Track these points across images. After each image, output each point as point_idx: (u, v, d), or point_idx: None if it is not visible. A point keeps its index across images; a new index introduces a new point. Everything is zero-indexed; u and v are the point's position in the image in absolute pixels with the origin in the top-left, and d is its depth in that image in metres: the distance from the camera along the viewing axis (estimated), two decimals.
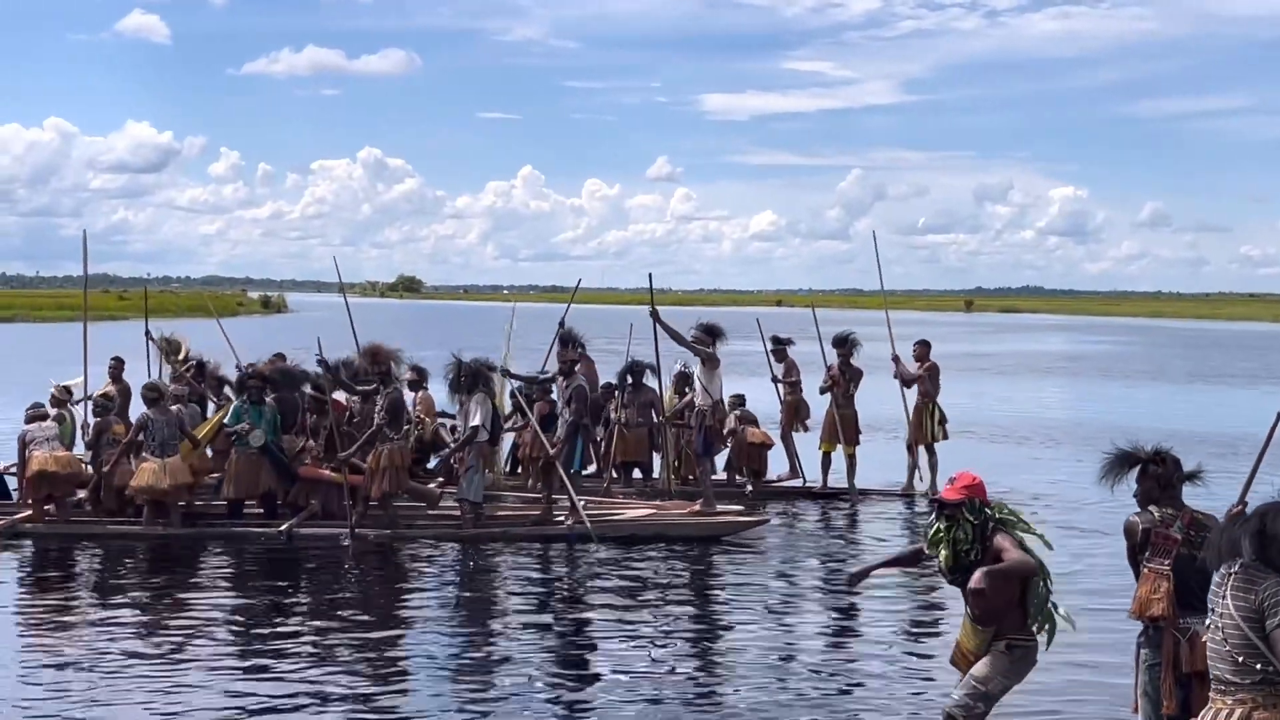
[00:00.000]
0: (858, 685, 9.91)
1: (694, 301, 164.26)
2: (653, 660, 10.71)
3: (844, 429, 18.16)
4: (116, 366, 17.43)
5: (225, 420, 15.47)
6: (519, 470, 17.95)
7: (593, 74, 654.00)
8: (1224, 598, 5.53)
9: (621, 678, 10.06)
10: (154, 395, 15.07)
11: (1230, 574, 5.55)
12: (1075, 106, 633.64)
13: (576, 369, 15.94)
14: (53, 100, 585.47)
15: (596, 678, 10.15)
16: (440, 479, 16.87)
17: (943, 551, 7.16)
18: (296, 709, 9.15)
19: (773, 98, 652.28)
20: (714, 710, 9.29)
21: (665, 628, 11.76)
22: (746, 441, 18.10)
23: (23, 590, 13.26)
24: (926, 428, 18.10)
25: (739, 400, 18.46)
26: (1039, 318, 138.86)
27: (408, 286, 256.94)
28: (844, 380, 18.36)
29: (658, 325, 16.52)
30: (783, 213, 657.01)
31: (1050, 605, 7.17)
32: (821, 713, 9.22)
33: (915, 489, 18.30)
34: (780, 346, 19.29)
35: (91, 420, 15.91)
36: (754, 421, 18.40)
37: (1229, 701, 5.53)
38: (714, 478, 17.93)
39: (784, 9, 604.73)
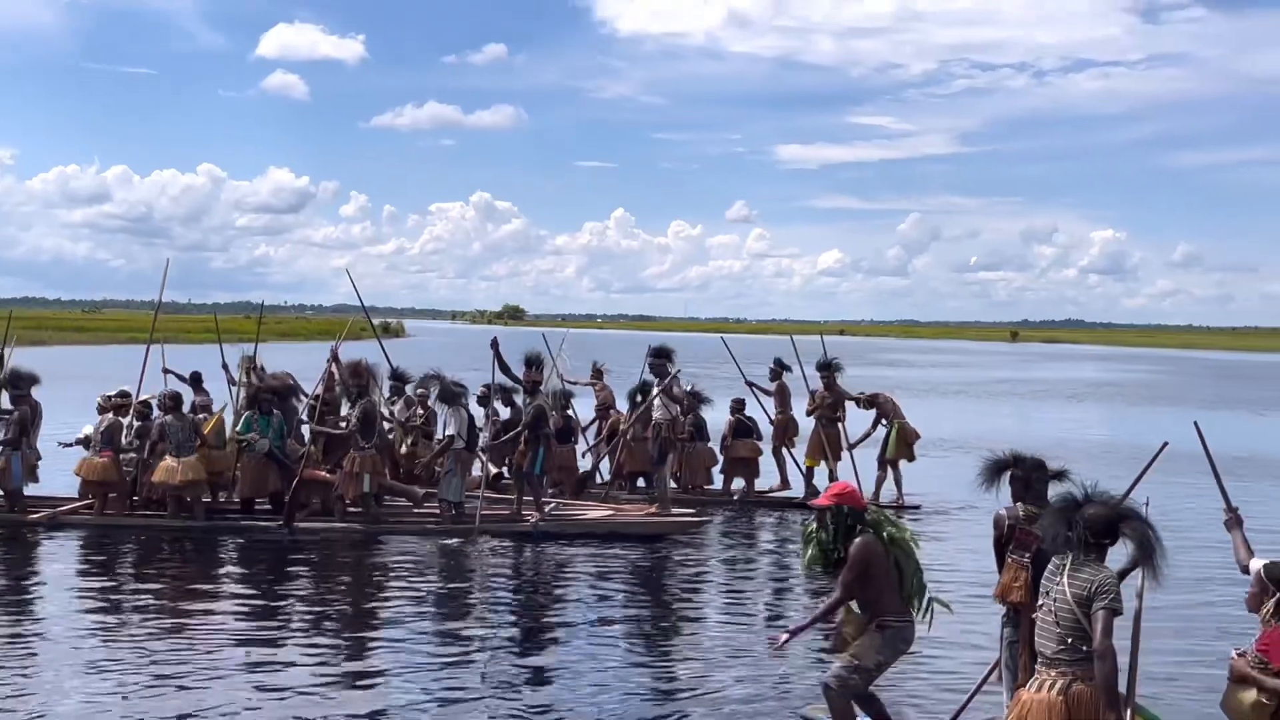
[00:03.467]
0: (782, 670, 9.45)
1: (766, 330, 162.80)
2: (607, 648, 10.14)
3: (829, 446, 17.49)
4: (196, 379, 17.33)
5: (238, 429, 15.37)
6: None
7: (679, 127, 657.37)
8: (1060, 584, 5.73)
9: (577, 658, 9.76)
10: (172, 404, 15.08)
11: (1064, 564, 5.76)
12: (1115, 157, 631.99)
13: (540, 389, 15.56)
14: (205, 148, 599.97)
15: (554, 665, 9.64)
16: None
17: (810, 549, 7.25)
18: (288, 686, 8.91)
19: (839, 149, 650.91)
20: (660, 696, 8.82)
21: (622, 616, 11.32)
22: (739, 455, 17.69)
23: (65, 573, 12.97)
24: (892, 445, 17.55)
25: (739, 405, 18.04)
26: (1079, 348, 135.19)
27: (512, 315, 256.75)
28: (826, 401, 17.77)
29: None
30: (847, 251, 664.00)
31: (928, 594, 7.30)
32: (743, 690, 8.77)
33: (903, 501, 17.48)
34: (777, 370, 18.57)
35: (135, 424, 15.52)
36: (750, 433, 17.83)
37: (1053, 674, 5.71)
38: (710, 486, 17.78)
39: (850, 69, 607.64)
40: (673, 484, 17.06)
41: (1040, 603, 5.87)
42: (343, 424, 15.15)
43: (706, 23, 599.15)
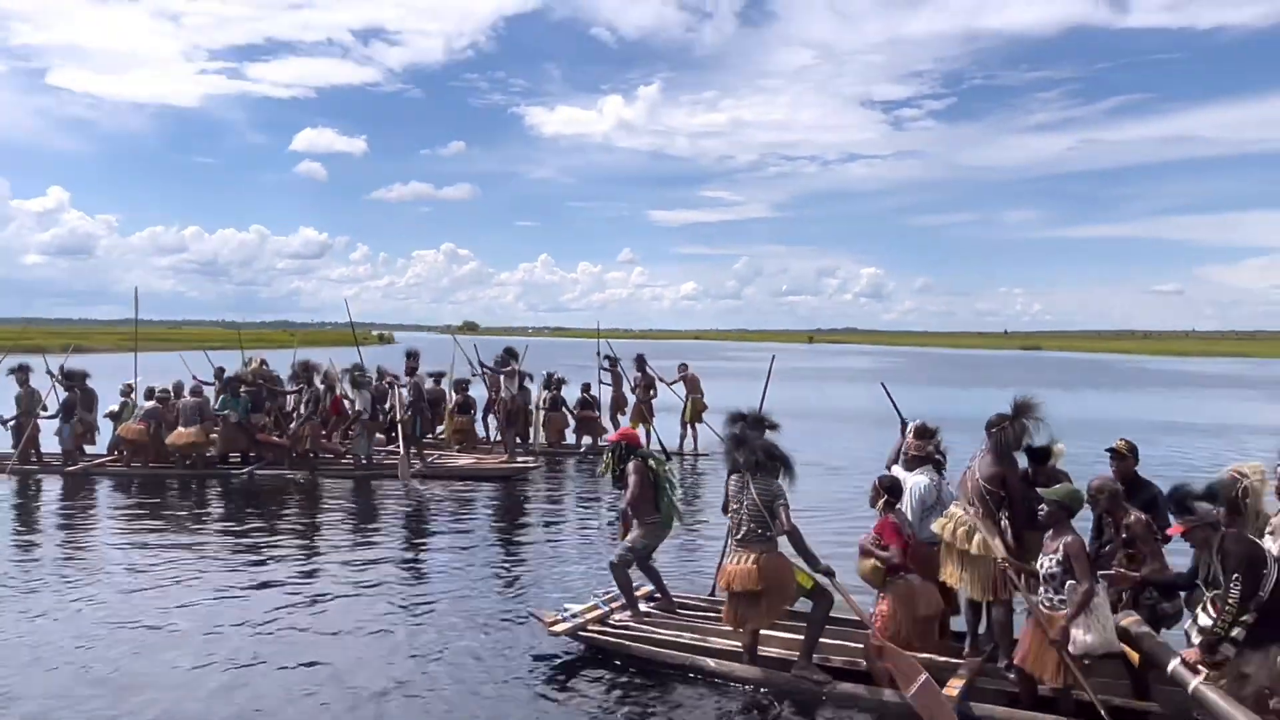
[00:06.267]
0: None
1: (645, 336, 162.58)
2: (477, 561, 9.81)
3: (645, 411, 17.44)
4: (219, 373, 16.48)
5: (215, 406, 14.89)
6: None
7: (584, 198, 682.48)
8: (750, 493, 6.11)
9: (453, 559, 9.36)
10: (192, 390, 15.00)
11: (749, 479, 6.14)
12: (875, 220, 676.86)
13: (416, 373, 15.20)
14: (254, 214, 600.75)
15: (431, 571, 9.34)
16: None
17: (606, 467, 7.43)
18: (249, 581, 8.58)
19: (694, 213, 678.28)
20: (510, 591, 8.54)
21: (479, 536, 10.84)
22: (585, 419, 17.49)
23: (107, 503, 12.57)
24: (688, 412, 17.56)
25: (586, 387, 17.75)
26: (853, 347, 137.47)
27: (470, 328, 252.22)
28: (642, 382, 17.73)
29: (482, 366, 16.17)
30: (700, 283, 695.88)
31: (674, 506, 7.35)
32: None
33: (697, 449, 17.51)
34: (611, 359, 18.32)
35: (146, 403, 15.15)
36: (593, 405, 17.63)
37: (746, 550, 6.11)
38: (567, 442, 17.45)
39: (700, 160, 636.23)
40: (543, 439, 16.82)
41: (734, 505, 6.22)
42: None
43: (602, 128, 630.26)
